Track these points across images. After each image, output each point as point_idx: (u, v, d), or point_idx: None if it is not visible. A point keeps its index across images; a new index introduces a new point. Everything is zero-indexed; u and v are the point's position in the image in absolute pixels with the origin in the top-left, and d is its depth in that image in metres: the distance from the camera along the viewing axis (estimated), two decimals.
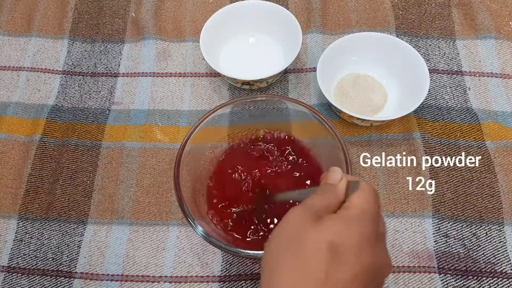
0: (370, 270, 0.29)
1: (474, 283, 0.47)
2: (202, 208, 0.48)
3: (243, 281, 0.48)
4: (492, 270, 0.47)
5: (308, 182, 0.49)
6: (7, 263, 0.50)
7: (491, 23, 0.63)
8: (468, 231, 0.49)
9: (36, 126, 0.58)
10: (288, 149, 0.51)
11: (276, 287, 0.29)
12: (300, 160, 0.50)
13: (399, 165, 0.53)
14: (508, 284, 0.46)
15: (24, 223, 0.52)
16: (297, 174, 0.49)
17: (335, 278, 0.28)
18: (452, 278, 0.47)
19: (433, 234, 0.49)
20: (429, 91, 0.59)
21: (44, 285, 0.48)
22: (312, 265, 0.28)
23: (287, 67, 0.58)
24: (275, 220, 0.47)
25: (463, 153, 0.54)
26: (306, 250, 0.29)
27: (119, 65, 0.63)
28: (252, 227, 0.47)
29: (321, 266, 0.28)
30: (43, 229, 0.51)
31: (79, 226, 0.51)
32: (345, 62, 0.58)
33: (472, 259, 0.48)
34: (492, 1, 0.65)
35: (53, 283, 0.49)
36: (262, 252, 0.40)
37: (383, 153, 0.54)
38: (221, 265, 0.49)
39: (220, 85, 0.61)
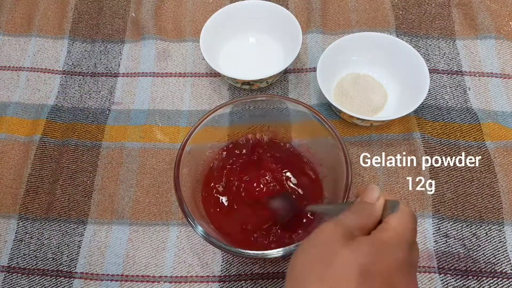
0: None
1: (474, 283, 0.47)
2: (202, 208, 0.48)
3: (243, 281, 0.48)
4: (492, 270, 0.47)
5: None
6: (7, 263, 0.50)
7: (491, 23, 0.63)
8: (468, 231, 0.49)
9: (36, 126, 0.58)
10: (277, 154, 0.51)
11: None
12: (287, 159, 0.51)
13: (399, 165, 0.53)
14: (508, 284, 0.46)
15: (24, 223, 0.52)
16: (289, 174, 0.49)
17: None
18: (452, 278, 0.47)
19: (433, 234, 0.49)
20: (429, 91, 0.59)
21: (44, 285, 0.48)
22: (341, 286, 0.27)
23: (287, 67, 0.58)
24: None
25: (463, 153, 0.54)
26: (336, 269, 0.28)
27: (119, 65, 0.63)
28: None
29: None
30: (43, 229, 0.51)
31: (79, 226, 0.51)
32: (345, 62, 0.58)
33: (472, 259, 0.48)
34: (492, 1, 0.65)
35: (53, 283, 0.49)
36: (262, 252, 0.40)
37: (383, 153, 0.54)
38: (221, 265, 0.49)
39: (220, 85, 0.61)
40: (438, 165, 0.53)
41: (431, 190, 0.51)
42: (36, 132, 0.57)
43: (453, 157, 0.54)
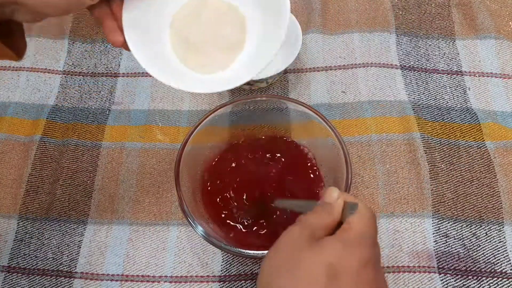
0: None
1: (474, 283, 0.47)
2: (202, 208, 0.48)
3: (243, 281, 0.48)
4: (492, 270, 0.47)
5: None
6: (7, 263, 0.50)
7: (491, 23, 0.63)
8: (468, 231, 0.49)
9: (36, 126, 0.58)
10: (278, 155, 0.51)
11: None
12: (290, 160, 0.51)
13: (399, 165, 0.53)
14: (508, 284, 0.47)
15: (24, 223, 0.52)
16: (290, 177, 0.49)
17: None
18: (452, 278, 0.47)
19: (433, 234, 0.49)
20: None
21: (44, 285, 0.48)
22: (310, 286, 0.28)
23: (287, 67, 0.58)
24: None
25: (463, 153, 0.54)
26: (304, 271, 0.28)
27: (119, 65, 0.63)
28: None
29: None
30: (43, 229, 0.51)
31: (79, 226, 0.51)
32: None
33: (472, 259, 0.48)
34: (492, 1, 0.65)
35: (53, 283, 0.49)
36: (262, 252, 0.40)
37: (383, 153, 0.54)
38: (221, 265, 0.49)
39: None
40: (438, 165, 0.53)
41: (431, 190, 0.51)
42: (36, 132, 0.57)
43: (453, 157, 0.54)
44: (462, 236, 0.49)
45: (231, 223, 0.47)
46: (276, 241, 0.32)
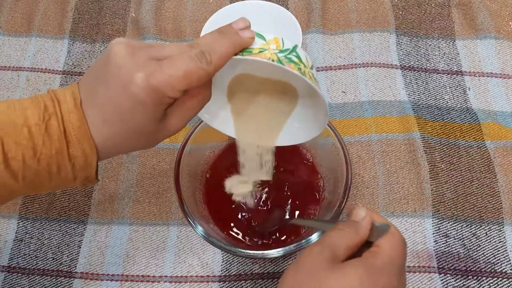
0: None
1: (474, 283, 0.47)
2: (202, 208, 0.48)
3: (243, 281, 0.48)
4: (492, 270, 0.47)
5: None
6: (7, 263, 0.50)
7: (491, 23, 0.63)
8: (468, 231, 0.49)
9: None
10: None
11: None
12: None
13: (399, 165, 0.53)
14: (508, 284, 0.47)
15: (24, 223, 0.52)
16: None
17: None
18: (452, 278, 0.47)
19: (433, 234, 0.49)
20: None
21: (44, 285, 0.48)
22: None
23: None
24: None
25: (463, 153, 0.54)
26: None
27: None
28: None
29: None
30: (43, 229, 0.51)
31: (79, 226, 0.51)
32: None
33: (472, 259, 0.48)
34: (492, 1, 0.65)
35: (53, 283, 0.49)
36: (262, 252, 0.40)
37: (383, 153, 0.54)
38: (221, 265, 0.49)
39: None
40: (438, 165, 0.53)
41: (431, 190, 0.51)
42: None
43: (453, 157, 0.54)
44: (462, 236, 0.49)
45: (232, 221, 0.47)
46: (296, 260, 0.30)
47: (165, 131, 0.33)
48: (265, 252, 0.40)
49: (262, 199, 0.48)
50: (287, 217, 0.47)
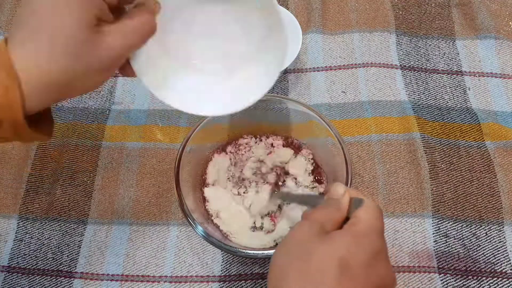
0: (378, 286, 0.29)
1: (474, 283, 0.47)
2: (202, 208, 0.48)
3: (243, 281, 0.48)
4: (492, 270, 0.47)
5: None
6: (7, 263, 0.50)
7: (491, 23, 0.63)
8: (468, 231, 0.49)
9: None
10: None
11: None
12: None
13: (399, 165, 0.53)
14: (508, 284, 0.47)
15: (24, 223, 0.52)
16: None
17: None
18: (452, 278, 0.47)
19: (433, 234, 0.49)
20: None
21: (44, 285, 0.48)
22: (322, 280, 0.28)
23: (287, 67, 0.58)
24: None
25: (463, 153, 0.54)
26: (315, 264, 0.28)
27: None
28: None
29: (331, 282, 0.28)
30: (43, 229, 0.51)
31: (79, 226, 0.51)
32: None
33: (472, 259, 0.48)
34: (492, 1, 0.65)
35: (53, 283, 0.49)
36: (262, 252, 0.41)
37: (383, 153, 0.54)
38: (221, 265, 0.49)
39: None
40: (438, 165, 0.53)
41: (431, 190, 0.51)
42: None
43: (453, 157, 0.54)
44: (462, 236, 0.49)
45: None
46: (285, 236, 0.32)
47: (99, 49, 0.29)
48: (265, 252, 0.41)
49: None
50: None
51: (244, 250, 0.41)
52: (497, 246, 0.48)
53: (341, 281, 0.28)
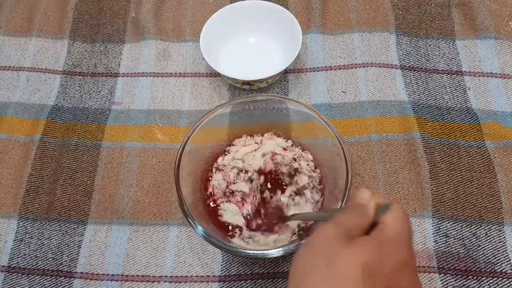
0: None
1: (474, 283, 0.47)
2: (202, 208, 0.48)
3: (243, 281, 0.48)
4: (492, 270, 0.47)
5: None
6: (7, 263, 0.50)
7: (491, 23, 0.63)
8: (468, 231, 0.49)
9: (36, 126, 0.58)
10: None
11: None
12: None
13: (399, 165, 0.53)
14: (508, 284, 0.47)
15: (24, 223, 0.52)
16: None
17: None
18: (452, 278, 0.47)
19: (433, 234, 0.49)
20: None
21: (44, 285, 0.49)
22: (345, 286, 0.27)
23: (287, 67, 0.58)
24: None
25: (463, 153, 0.54)
26: (340, 269, 0.28)
27: (119, 65, 0.63)
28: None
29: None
30: (43, 229, 0.51)
31: (79, 226, 0.51)
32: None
33: (472, 259, 0.48)
34: (492, 1, 0.65)
35: (53, 283, 0.49)
36: (262, 252, 0.40)
37: (383, 153, 0.54)
38: (221, 265, 0.49)
39: (220, 85, 0.61)
40: (438, 165, 0.53)
41: (431, 190, 0.51)
42: (36, 132, 0.57)
43: (453, 157, 0.54)
44: (462, 236, 0.49)
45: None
46: (309, 238, 0.31)
47: None
48: (265, 252, 0.40)
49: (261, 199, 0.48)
50: (286, 214, 0.47)
51: (244, 250, 0.41)
52: (497, 246, 0.48)
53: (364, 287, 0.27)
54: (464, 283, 0.47)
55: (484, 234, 0.49)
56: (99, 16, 0.67)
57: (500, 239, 0.49)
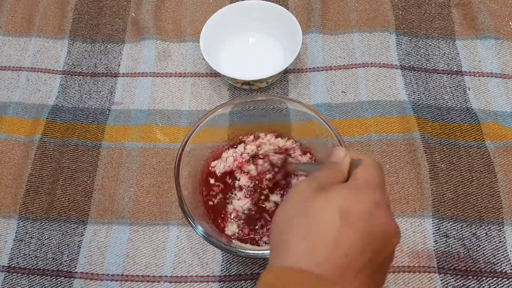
0: (380, 236, 0.29)
1: (474, 283, 0.47)
2: (202, 208, 0.48)
3: (243, 281, 0.48)
4: (492, 270, 0.47)
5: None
6: (7, 263, 0.50)
7: (491, 23, 0.63)
8: (468, 231, 0.49)
9: (36, 126, 0.58)
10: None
11: (286, 255, 0.28)
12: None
13: (399, 165, 0.53)
14: (508, 284, 0.47)
15: (24, 223, 0.52)
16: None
17: (346, 243, 0.27)
18: (452, 278, 0.47)
19: (433, 234, 0.49)
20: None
21: (44, 285, 0.49)
22: (323, 230, 0.28)
23: (287, 67, 0.58)
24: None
25: (463, 153, 0.54)
26: (316, 215, 0.29)
27: (119, 65, 0.63)
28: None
29: (332, 231, 0.28)
30: (43, 229, 0.51)
31: (79, 226, 0.51)
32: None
33: (472, 259, 0.48)
34: (492, 1, 0.65)
35: (53, 283, 0.49)
36: (262, 252, 0.40)
37: (383, 153, 0.54)
38: (221, 265, 0.49)
39: (220, 85, 0.61)
40: (438, 165, 0.53)
41: (431, 190, 0.51)
42: (36, 132, 0.57)
43: (453, 157, 0.54)
44: (462, 236, 0.49)
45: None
46: (286, 196, 0.32)
47: None
48: (265, 252, 0.40)
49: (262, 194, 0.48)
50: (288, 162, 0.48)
51: (244, 250, 0.41)
52: (497, 246, 0.48)
53: (341, 230, 0.28)
54: (464, 283, 0.47)
55: (484, 234, 0.49)
56: (99, 16, 0.67)
57: (500, 239, 0.49)
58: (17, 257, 0.50)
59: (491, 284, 0.47)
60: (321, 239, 0.28)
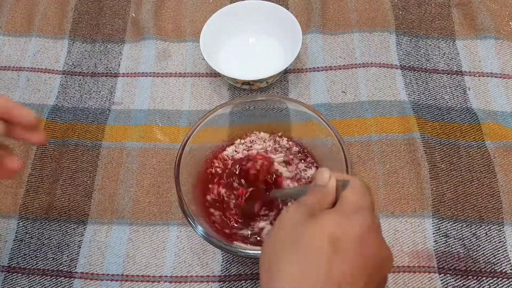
0: (372, 262, 0.28)
1: (474, 283, 0.47)
2: (202, 208, 0.48)
3: (243, 281, 0.48)
4: (492, 270, 0.47)
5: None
6: (7, 263, 0.50)
7: (491, 23, 0.63)
8: (468, 231, 0.49)
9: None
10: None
11: (277, 284, 0.28)
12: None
13: (399, 165, 0.53)
14: (508, 284, 0.47)
15: (24, 223, 0.52)
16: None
17: (337, 273, 0.27)
18: (452, 278, 0.47)
19: (433, 234, 0.49)
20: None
21: (44, 285, 0.49)
22: (314, 259, 0.28)
23: (287, 67, 0.58)
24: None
25: (463, 153, 0.54)
26: (306, 244, 0.28)
27: (119, 65, 0.63)
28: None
29: (323, 259, 0.27)
30: (43, 229, 0.51)
31: (79, 226, 0.51)
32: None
33: (472, 259, 0.48)
34: (492, 1, 0.65)
35: (53, 283, 0.49)
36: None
37: (383, 153, 0.54)
38: (221, 265, 0.49)
39: (220, 85, 0.61)
40: (438, 165, 0.53)
41: (431, 190, 0.51)
42: None
43: (453, 157, 0.54)
44: (462, 236, 0.49)
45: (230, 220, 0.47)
46: (275, 222, 0.32)
47: None
48: None
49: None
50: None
51: (244, 250, 0.41)
52: (497, 246, 0.48)
53: (332, 258, 0.27)
54: (464, 283, 0.47)
55: (484, 234, 0.49)
56: (99, 16, 0.67)
57: (500, 239, 0.49)
58: (17, 257, 0.50)
59: (491, 284, 0.47)
60: (312, 270, 0.27)
